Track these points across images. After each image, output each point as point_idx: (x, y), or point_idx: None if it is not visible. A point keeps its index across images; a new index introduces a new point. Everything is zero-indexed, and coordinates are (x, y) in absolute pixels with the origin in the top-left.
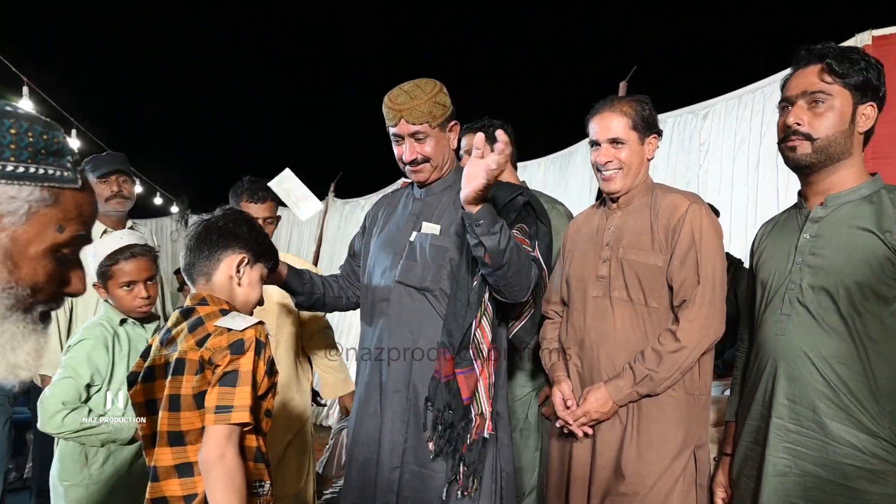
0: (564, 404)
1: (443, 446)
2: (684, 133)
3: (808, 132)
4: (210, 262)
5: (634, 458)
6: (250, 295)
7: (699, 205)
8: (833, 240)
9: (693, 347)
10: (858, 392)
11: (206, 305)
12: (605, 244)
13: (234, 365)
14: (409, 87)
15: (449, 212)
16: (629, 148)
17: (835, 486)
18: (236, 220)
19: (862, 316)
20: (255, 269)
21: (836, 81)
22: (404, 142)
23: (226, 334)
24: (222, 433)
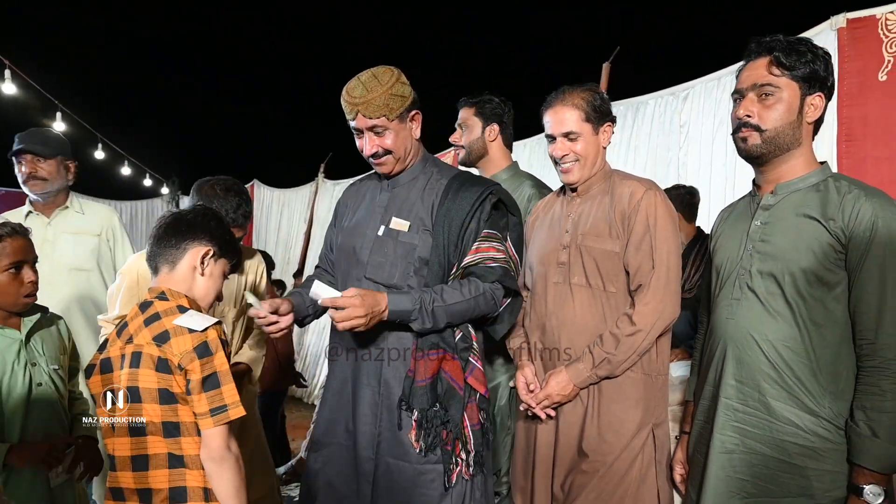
0: (527, 388)
1: (431, 442)
2: (665, 115)
3: (758, 124)
4: (176, 252)
5: (595, 437)
6: (211, 288)
7: (654, 191)
8: (781, 227)
9: (648, 330)
10: (801, 374)
11: (165, 301)
12: (565, 231)
13: (210, 368)
14: (366, 78)
15: (416, 206)
16: (584, 140)
17: (778, 463)
18: (206, 215)
19: (806, 301)
20: (219, 264)
21: (783, 74)
22: (364, 135)
23: (188, 336)
24: (224, 431)
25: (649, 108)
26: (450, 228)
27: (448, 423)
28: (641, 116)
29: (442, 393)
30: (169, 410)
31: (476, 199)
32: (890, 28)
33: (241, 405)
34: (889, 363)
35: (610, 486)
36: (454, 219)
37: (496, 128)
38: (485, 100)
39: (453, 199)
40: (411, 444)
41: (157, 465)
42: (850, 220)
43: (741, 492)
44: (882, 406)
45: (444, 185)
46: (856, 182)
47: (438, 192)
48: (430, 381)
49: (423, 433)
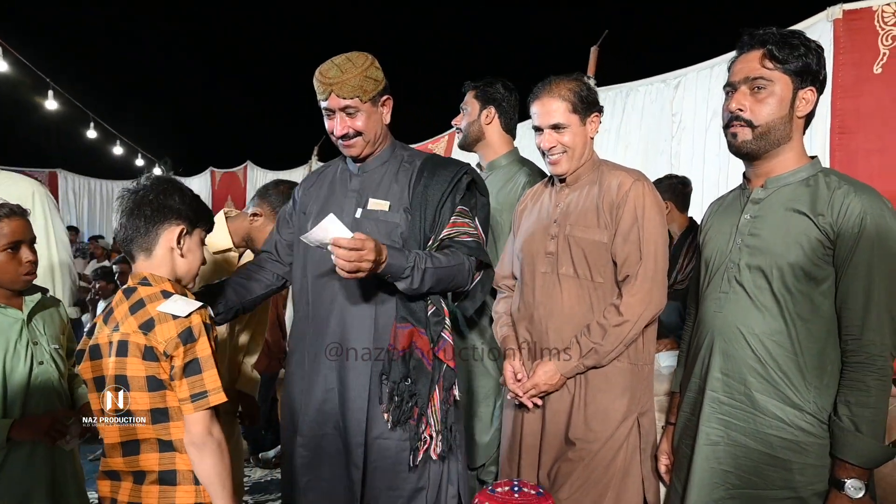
0: (515, 377)
1: (400, 416)
2: (656, 103)
3: (750, 119)
4: (148, 238)
5: (581, 425)
6: (193, 262)
7: (642, 182)
8: (770, 221)
9: (635, 320)
10: (787, 368)
11: (148, 286)
12: (554, 221)
13: (192, 354)
14: (340, 60)
15: (393, 187)
16: (571, 131)
17: (761, 456)
18: (166, 190)
19: (793, 295)
20: (195, 236)
21: (776, 67)
22: (335, 116)
23: (172, 322)
24: (206, 416)
25: (640, 96)
26: (427, 205)
27: (415, 396)
28: (632, 104)
29: (412, 368)
30: (157, 397)
31: (453, 176)
32: (886, 20)
33: (222, 391)
34: (874, 359)
35: (595, 474)
36: (431, 196)
37: (493, 111)
38: (486, 83)
39: (430, 178)
40: (383, 418)
41: (148, 449)
42: (839, 216)
43: (725, 483)
44: (866, 401)
45: (417, 167)
46: (845, 177)
47: (412, 173)
48: (402, 355)
49: (392, 406)
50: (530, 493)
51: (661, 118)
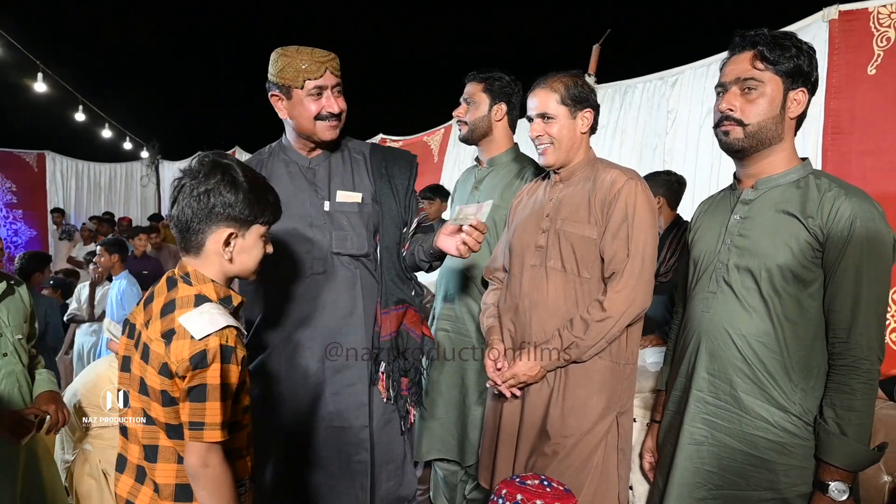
0: (495, 366)
1: (399, 389)
2: (653, 99)
3: (740, 118)
4: (196, 238)
5: (558, 419)
6: (246, 262)
7: (635, 181)
8: (759, 222)
9: (618, 317)
10: (773, 369)
11: (188, 285)
12: (546, 215)
13: (200, 379)
14: (309, 47)
15: (354, 179)
16: (559, 122)
17: (745, 456)
18: (218, 185)
19: (781, 297)
20: (250, 235)
21: (767, 68)
22: (327, 93)
23: (187, 342)
24: (202, 447)
25: (637, 92)
26: (398, 193)
27: (408, 371)
28: (629, 100)
29: (402, 345)
30: (171, 413)
31: (410, 165)
32: (881, 22)
33: (220, 429)
34: (860, 362)
35: (571, 469)
36: (399, 186)
37: (504, 107)
38: (495, 76)
39: (390, 167)
40: (380, 394)
41: (165, 458)
42: (829, 219)
43: (708, 483)
44: (851, 405)
45: (365, 156)
46: (836, 180)
47: (365, 163)
48: (392, 336)
49: (391, 383)
50: (560, 490)
51: (657, 115)
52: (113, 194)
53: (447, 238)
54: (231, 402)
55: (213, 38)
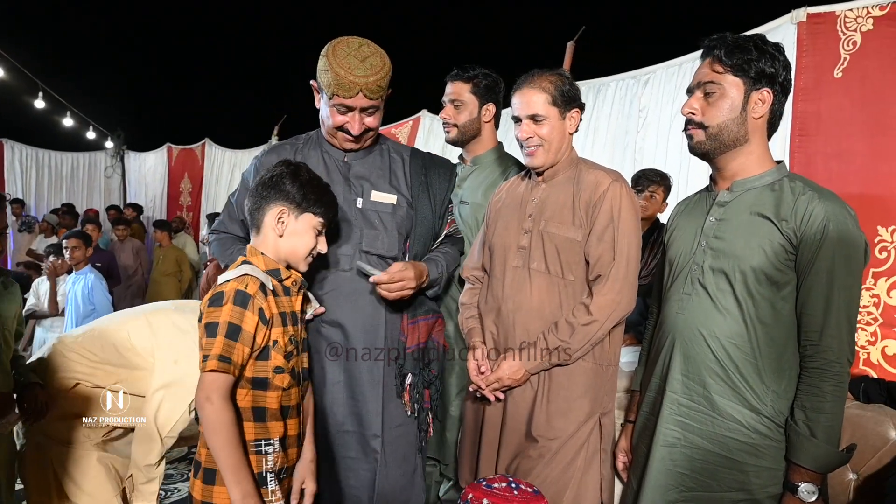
0: (478, 369)
1: (422, 402)
2: (625, 98)
3: (701, 121)
4: (258, 214)
5: (543, 423)
6: (297, 245)
7: (620, 183)
8: (734, 225)
9: (604, 321)
10: (746, 371)
11: (243, 256)
12: (528, 216)
13: (214, 316)
14: (367, 52)
15: (392, 179)
16: (549, 123)
17: (717, 458)
18: (282, 173)
19: (755, 299)
20: (302, 220)
21: (726, 71)
22: (352, 113)
23: (215, 287)
24: (206, 379)
25: (610, 91)
26: (434, 202)
27: (433, 383)
28: (602, 98)
29: (429, 356)
30: None
31: (450, 174)
32: (848, 26)
33: (218, 360)
34: (830, 365)
35: (555, 472)
36: (436, 193)
37: (492, 108)
38: (481, 75)
39: (429, 174)
40: (404, 406)
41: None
42: (803, 222)
43: (680, 485)
44: (821, 407)
45: (405, 160)
46: (810, 183)
47: (404, 166)
48: (420, 346)
49: (414, 394)
50: (527, 491)
51: (629, 113)
52: (76, 185)
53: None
54: (248, 350)
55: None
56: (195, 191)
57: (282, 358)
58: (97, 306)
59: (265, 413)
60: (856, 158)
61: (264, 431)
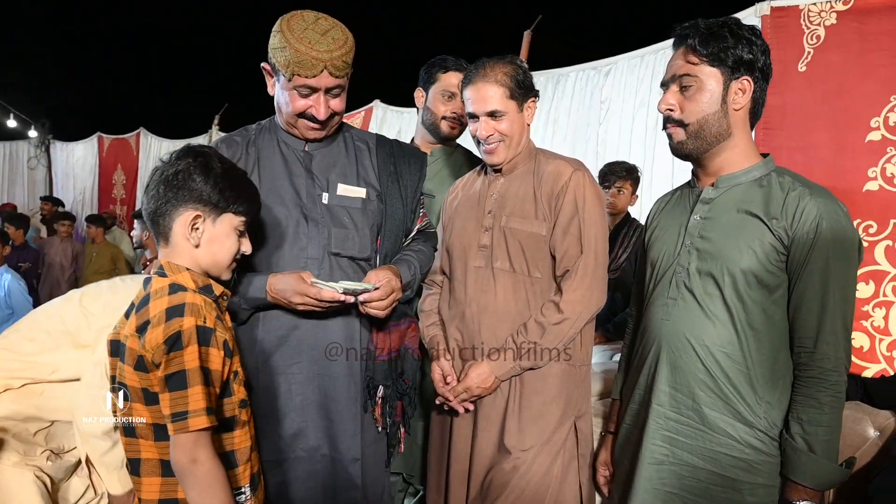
0: (444, 380)
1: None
2: (586, 89)
3: (681, 118)
4: (164, 222)
5: (516, 432)
6: (218, 253)
7: (582, 172)
8: (721, 223)
9: (576, 318)
10: (737, 382)
11: (162, 277)
12: (488, 212)
13: (178, 364)
14: (327, 25)
15: (359, 170)
16: (509, 118)
17: (709, 475)
18: (189, 167)
19: (745, 304)
20: (221, 223)
21: (702, 62)
22: (316, 95)
23: (162, 325)
24: (188, 440)
25: (570, 81)
26: (405, 194)
27: (406, 394)
28: (562, 89)
29: (401, 365)
30: (157, 411)
31: (420, 164)
32: (812, 20)
33: (206, 414)
34: (828, 374)
35: (532, 484)
36: (408, 185)
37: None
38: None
39: (400, 164)
40: (375, 421)
41: (149, 471)
42: (794, 220)
43: None
44: (819, 419)
45: (372, 148)
46: (799, 178)
47: (370, 154)
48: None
49: (386, 408)
50: None
51: (591, 104)
52: None
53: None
54: (217, 393)
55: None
56: (129, 183)
57: (244, 389)
58: (16, 310)
59: (235, 457)
60: (820, 152)
61: (236, 479)
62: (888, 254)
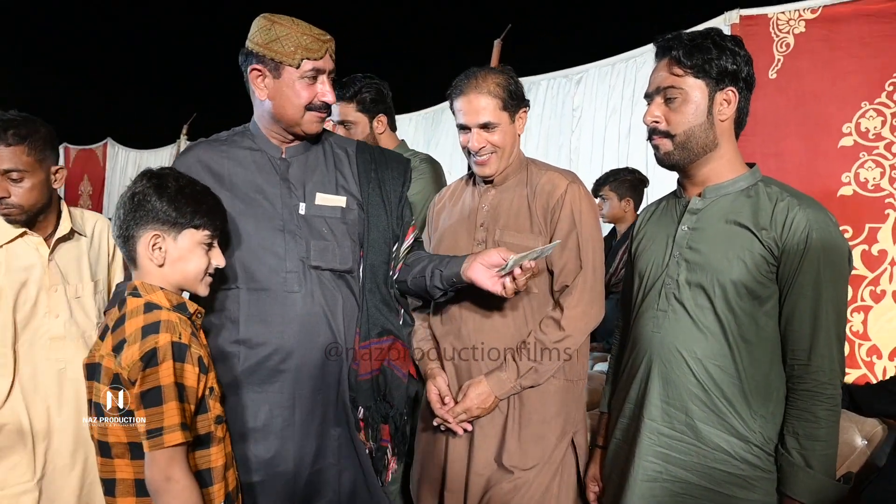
0: (441, 401)
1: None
2: (557, 97)
3: (667, 130)
4: (130, 245)
5: (517, 451)
6: (185, 270)
7: (577, 184)
8: (710, 234)
9: (578, 335)
10: (731, 395)
11: (137, 297)
12: (480, 225)
13: (153, 381)
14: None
15: (338, 178)
16: (502, 130)
17: (704, 491)
18: (144, 189)
19: (737, 316)
20: (182, 240)
21: (686, 73)
22: (322, 77)
23: (138, 343)
24: (162, 456)
25: (542, 90)
26: (389, 202)
27: (389, 417)
28: (533, 97)
29: (384, 386)
30: (133, 430)
31: (404, 170)
32: (780, 28)
33: (181, 430)
34: (823, 387)
35: (532, 503)
36: (391, 192)
37: (384, 119)
38: (364, 90)
39: (381, 171)
40: (363, 444)
41: (123, 491)
42: (784, 231)
43: None
44: (815, 434)
45: (351, 155)
46: (787, 188)
47: (349, 162)
48: (373, 375)
49: (370, 431)
50: None
51: (562, 112)
52: None
53: (485, 271)
54: (193, 410)
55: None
56: (96, 194)
57: (219, 405)
58: None
59: (211, 475)
60: (794, 158)
61: (210, 497)
62: (864, 258)
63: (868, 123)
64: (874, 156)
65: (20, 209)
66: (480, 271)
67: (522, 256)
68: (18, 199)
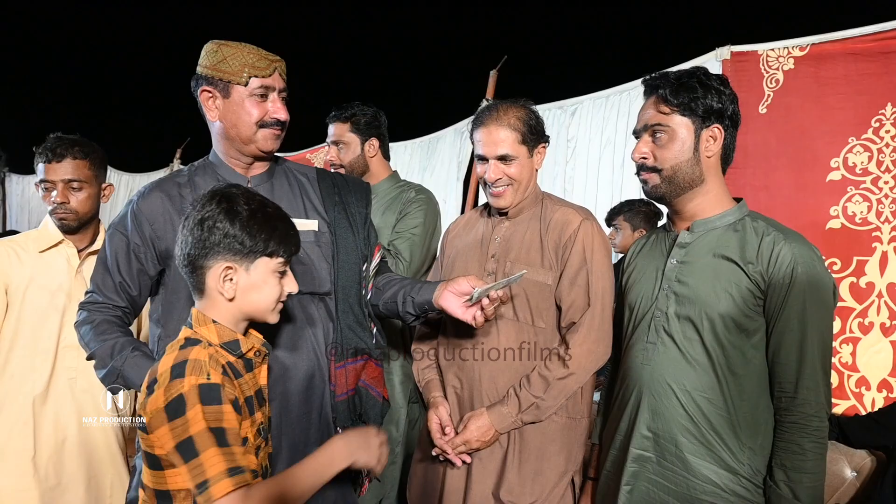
0: (441, 431)
1: None
2: (552, 128)
3: (654, 165)
4: (199, 274)
5: (517, 486)
6: (258, 302)
7: (591, 221)
8: (698, 268)
9: (583, 374)
10: (720, 427)
11: (188, 328)
12: (491, 255)
13: (184, 432)
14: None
15: (306, 203)
16: (519, 163)
17: None
18: (212, 215)
19: (725, 348)
20: (256, 269)
21: (673, 111)
22: (273, 96)
23: (164, 388)
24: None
25: None
26: (355, 224)
27: None
28: None
29: (360, 405)
30: (158, 477)
31: (365, 192)
32: (770, 64)
33: (228, 476)
34: (809, 419)
35: None
36: (356, 213)
37: (376, 143)
38: (359, 113)
39: (344, 194)
40: None
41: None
42: (770, 265)
43: None
44: (803, 466)
45: (313, 181)
46: (773, 223)
47: (312, 187)
48: (349, 395)
49: None
50: None
51: (557, 143)
52: None
53: (455, 299)
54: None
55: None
56: None
57: (253, 457)
58: None
59: None
60: (783, 191)
61: None
62: (853, 290)
63: (855, 158)
64: (861, 190)
65: (75, 215)
66: (451, 300)
67: (489, 287)
68: (75, 206)
